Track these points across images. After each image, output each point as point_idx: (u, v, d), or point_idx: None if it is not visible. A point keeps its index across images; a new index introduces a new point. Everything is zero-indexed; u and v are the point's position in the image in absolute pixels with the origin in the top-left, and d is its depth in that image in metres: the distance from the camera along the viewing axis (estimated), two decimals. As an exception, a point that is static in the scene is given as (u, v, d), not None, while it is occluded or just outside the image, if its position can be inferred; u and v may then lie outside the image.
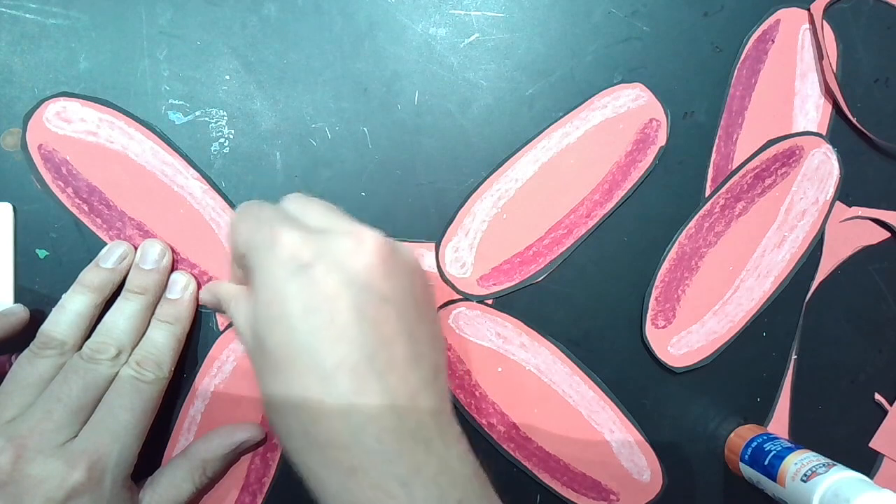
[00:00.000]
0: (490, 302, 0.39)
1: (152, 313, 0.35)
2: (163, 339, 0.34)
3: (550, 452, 0.39)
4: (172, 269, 0.36)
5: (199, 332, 0.37)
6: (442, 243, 0.38)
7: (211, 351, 0.37)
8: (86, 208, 0.36)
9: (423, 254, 0.38)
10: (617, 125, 0.40)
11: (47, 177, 0.35)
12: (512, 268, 0.39)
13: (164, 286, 0.36)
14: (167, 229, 0.36)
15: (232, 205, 0.37)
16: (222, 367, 0.37)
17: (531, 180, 0.39)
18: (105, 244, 0.36)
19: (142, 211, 0.36)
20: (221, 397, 0.37)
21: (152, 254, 0.35)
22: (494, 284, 0.39)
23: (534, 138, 0.39)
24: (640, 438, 0.40)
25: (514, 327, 0.39)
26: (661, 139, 0.40)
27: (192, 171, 0.37)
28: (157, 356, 0.34)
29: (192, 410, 0.37)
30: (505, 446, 0.39)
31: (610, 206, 0.40)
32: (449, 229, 0.39)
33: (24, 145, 0.35)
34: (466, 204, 0.39)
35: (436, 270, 0.38)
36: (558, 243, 0.39)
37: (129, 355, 0.34)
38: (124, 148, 0.36)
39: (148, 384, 0.33)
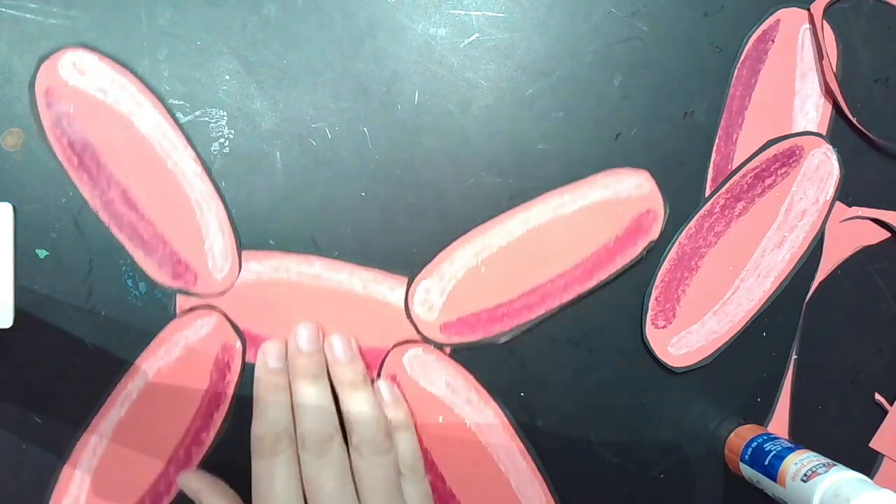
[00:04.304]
0: (448, 350, 0.39)
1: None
2: (368, 410, 0.35)
3: None
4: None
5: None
6: (415, 280, 0.38)
7: (162, 332, 0.36)
8: (76, 161, 0.35)
9: (394, 287, 0.38)
10: (614, 208, 0.39)
11: (46, 122, 0.35)
12: (477, 322, 0.39)
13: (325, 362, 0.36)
14: (150, 202, 0.36)
15: (221, 194, 0.37)
16: (170, 350, 0.36)
17: (516, 241, 0.39)
18: (86, 203, 0.36)
19: (131, 178, 0.36)
20: (163, 379, 0.36)
21: (306, 335, 0.36)
22: (456, 335, 0.38)
23: (528, 200, 0.39)
24: None
25: (464, 381, 0.39)
26: (655, 233, 0.40)
27: (190, 150, 0.36)
28: (383, 429, 0.35)
29: (131, 385, 0.36)
30: None
31: (589, 285, 0.39)
32: (425, 268, 0.38)
33: (31, 84, 0.35)
34: (448, 248, 0.38)
35: (402, 307, 0.38)
36: (529, 309, 0.39)
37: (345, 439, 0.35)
38: (129, 113, 0.36)
39: (386, 455, 0.34)
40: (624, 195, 0.40)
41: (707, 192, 0.41)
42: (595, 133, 0.40)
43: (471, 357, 0.39)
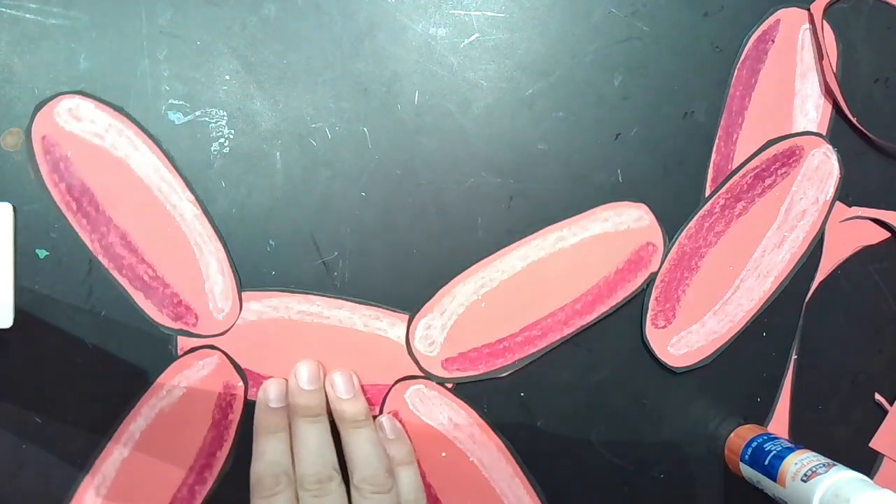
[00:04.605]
0: (450, 386, 0.39)
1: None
2: (370, 448, 0.35)
3: None
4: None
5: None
6: (416, 317, 0.38)
7: (164, 373, 0.36)
8: (74, 206, 0.36)
9: (395, 324, 0.38)
10: (614, 241, 0.40)
11: (43, 168, 0.35)
12: (479, 357, 0.39)
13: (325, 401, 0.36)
14: (150, 245, 0.36)
15: (220, 235, 0.37)
16: (172, 391, 0.36)
17: (517, 275, 0.39)
18: (84, 245, 0.36)
19: (129, 221, 0.36)
20: (166, 420, 0.36)
21: (307, 373, 0.36)
22: (458, 370, 0.38)
23: (528, 235, 0.39)
24: None
25: (467, 416, 0.39)
26: (654, 265, 0.40)
27: (188, 193, 0.36)
28: (384, 467, 0.34)
29: (133, 427, 0.36)
30: None
31: (589, 318, 0.39)
32: (426, 305, 0.38)
33: (28, 132, 0.35)
34: (448, 284, 0.38)
35: (403, 343, 0.38)
36: (530, 343, 0.39)
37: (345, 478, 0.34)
38: (126, 157, 0.36)
39: (387, 494, 0.34)
40: (623, 228, 0.40)
41: (707, 192, 0.41)
42: (595, 133, 0.40)
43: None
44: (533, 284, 0.39)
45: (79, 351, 0.36)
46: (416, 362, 0.38)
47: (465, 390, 0.39)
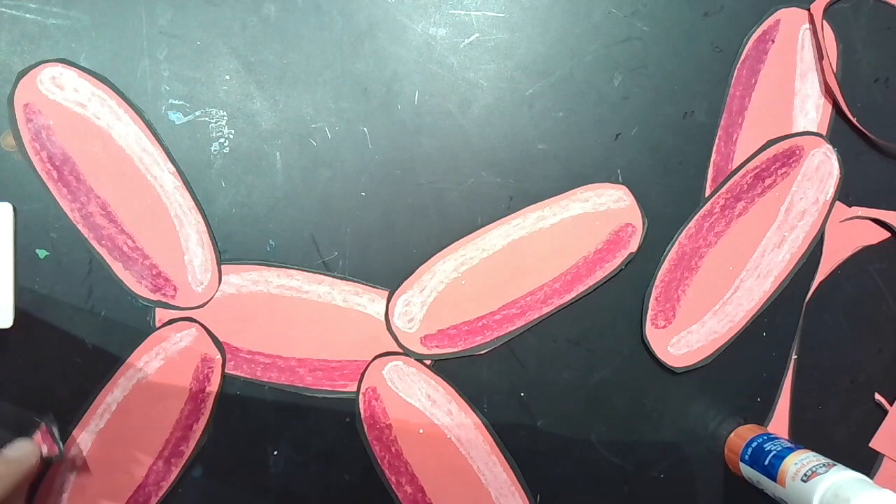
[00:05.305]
0: (428, 363, 0.39)
1: None
2: None
3: None
4: None
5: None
6: (395, 293, 0.38)
7: (142, 345, 0.37)
8: (55, 175, 0.36)
9: (374, 299, 0.38)
10: (593, 221, 0.40)
11: (25, 136, 0.35)
12: (458, 334, 0.39)
13: None
14: (130, 215, 0.36)
15: (201, 207, 0.37)
16: (150, 362, 0.37)
17: (497, 254, 0.39)
18: (66, 216, 0.36)
19: (110, 191, 0.36)
20: (143, 391, 0.37)
21: None
22: (437, 346, 0.39)
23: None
24: None
25: (445, 393, 0.39)
26: (633, 246, 0.40)
27: (169, 164, 0.36)
28: None
29: (110, 398, 0.36)
30: None
31: (568, 297, 0.39)
32: (405, 282, 0.38)
33: (10, 99, 0.35)
34: (429, 261, 0.38)
35: (383, 319, 0.38)
36: (509, 321, 0.39)
37: None
38: (109, 126, 0.36)
39: None
40: (603, 209, 0.40)
41: (707, 192, 0.41)
42: (595, 133, 0.40)
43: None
44: (513, 263, 0.39)
45: (79, 351, 0.36)
46: (395, 338, 0.38)
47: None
